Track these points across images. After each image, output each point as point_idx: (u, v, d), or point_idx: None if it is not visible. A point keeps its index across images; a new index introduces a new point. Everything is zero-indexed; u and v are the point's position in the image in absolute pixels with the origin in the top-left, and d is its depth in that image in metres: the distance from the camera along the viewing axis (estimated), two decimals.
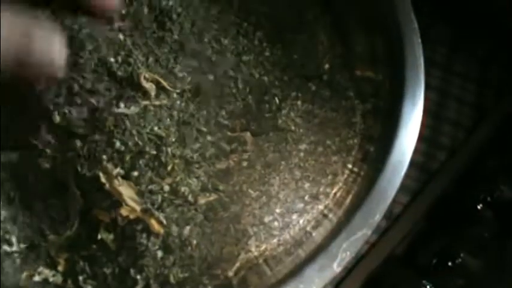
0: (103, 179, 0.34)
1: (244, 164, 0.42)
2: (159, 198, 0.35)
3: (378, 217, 0.37)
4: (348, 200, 0.42)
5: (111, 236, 0.35)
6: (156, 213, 0.35)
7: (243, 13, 0.46)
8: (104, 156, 0.34)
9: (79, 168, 0.34)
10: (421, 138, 0.58)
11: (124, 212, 0.34)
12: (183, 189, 0.36)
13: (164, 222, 0.35)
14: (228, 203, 0.40)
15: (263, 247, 0.40)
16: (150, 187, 0.35)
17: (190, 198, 0.37)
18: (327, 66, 0.48)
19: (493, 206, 0.43)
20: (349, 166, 0.44)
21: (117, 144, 0.34)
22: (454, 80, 0.63)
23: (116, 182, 0.34)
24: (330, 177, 0.43)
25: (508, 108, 0.57)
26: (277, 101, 0.44)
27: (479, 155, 0.52)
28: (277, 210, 0.42)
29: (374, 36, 0.48)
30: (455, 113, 0.61)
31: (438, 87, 0.63)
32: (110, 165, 0.34)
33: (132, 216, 0.34)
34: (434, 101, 0.61)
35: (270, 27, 0.46)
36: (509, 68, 0.63)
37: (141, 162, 0.35)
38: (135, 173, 0.34)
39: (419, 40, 0.45)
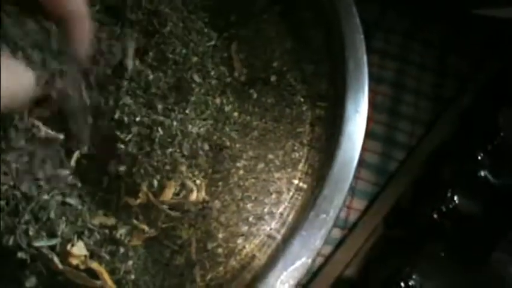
0: None
1: None
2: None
3: (318, 243, 0.34)
4: (292, 218, 0.39)
5: None
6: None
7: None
8: None
9: None
10: (376, 136, 0.56)
11: None
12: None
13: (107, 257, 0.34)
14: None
15: (209, 276, 0.37)
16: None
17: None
18: (275, 64, 0.45)
19: (448, 217, 0.40)
20: (295, 182, 0.41)
21: None
22: (410, 72, 0.59)
23: None
24: (274, 195, 0.40)
25: (468, 100, 0.54)
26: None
27: (438, 155, 0.49)
28: (220, 236, 0.38)
29: (320, 28, 0.44)
30: (412, 107, 0.57)
31: (393, 79, 0.59)
32: None
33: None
34: (389, 95, 0.58)
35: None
36: (468, 56, 0.60)
37: None
38: None
39: (362, 36, 0.41)
